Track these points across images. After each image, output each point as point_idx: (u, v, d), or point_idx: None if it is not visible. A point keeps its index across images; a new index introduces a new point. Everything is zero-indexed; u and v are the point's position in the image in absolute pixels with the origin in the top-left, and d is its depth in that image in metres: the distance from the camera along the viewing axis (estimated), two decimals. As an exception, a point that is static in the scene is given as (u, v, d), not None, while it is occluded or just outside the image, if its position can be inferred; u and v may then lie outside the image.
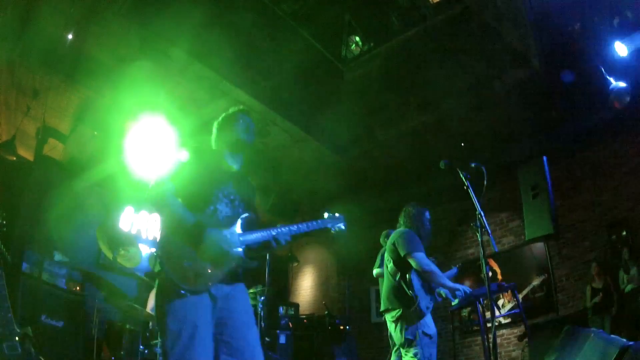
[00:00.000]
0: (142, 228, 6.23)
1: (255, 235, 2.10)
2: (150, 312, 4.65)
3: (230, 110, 2.36)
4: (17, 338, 2.95)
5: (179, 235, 1.97)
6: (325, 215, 2.31)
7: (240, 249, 2.05)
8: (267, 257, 4.03)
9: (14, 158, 5.09)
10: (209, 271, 1.97)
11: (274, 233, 2.10)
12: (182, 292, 1.88)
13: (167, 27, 4.45)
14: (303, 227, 2.19)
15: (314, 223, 2.25)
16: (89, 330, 4.46)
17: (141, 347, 4.18)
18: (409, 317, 3.24)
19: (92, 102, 5.27)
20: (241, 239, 2.07)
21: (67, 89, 5.08)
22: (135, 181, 5.89)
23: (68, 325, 4.35)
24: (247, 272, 2.12)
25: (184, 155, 2.19)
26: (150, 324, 4.62)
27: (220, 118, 2.37)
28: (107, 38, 4.58)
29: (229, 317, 1.98)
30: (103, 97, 5.16)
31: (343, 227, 2.29)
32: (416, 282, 3.31)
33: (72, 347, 4.30)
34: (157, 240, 1.99)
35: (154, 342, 4.16)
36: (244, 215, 2.14)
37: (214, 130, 2.35)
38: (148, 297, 5.33)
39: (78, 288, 4.78)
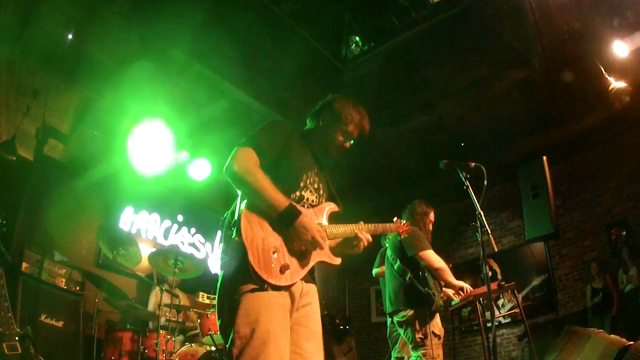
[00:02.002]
0: (142, 228, 6.23)
1: (341, 230, 1.87)
2: (150, 311, 4.66)
3: (353, 100, 2.07)
4: (17, 338, 2.94)
5: (267, 216, 1.65)
6: (395, 219, 2.30)
7: (327, 243, 1.80)
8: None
9: (14, 158, 5.08)
10: (297, 264, 1.69)
11: (356, 230, 1.90)
12: (265, 286, 1.56)
13: (167, 27, 4.45)
14: (379, 227, 2.09)
15: (389, 226, 2.21)
16: (89, 330, 4.46)
17: (141, 347, 4.18)
18: (422, 317, 3.20)
19: (92, 102, 5.27)
20: (327, 231, 1.81)
21: (67, 89, 5.08)
22: (136, 181, 5.90)
23: (68, 325, 4.34)
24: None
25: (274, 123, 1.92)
26: (150, 324, 4.62)
27: (338, 97, 2.07)
28: (107, 38, 4.57)
29: (302, 324, 1.71)
30: (103, 97, 5.16)
31: (407, 235, 2.33)
32: (430, 280, 3.29)
33: (72, 347, 4.30)
34: (233, 220, 1.65)
35: (154, 341, 4.16)
36: (329, 206, 1.92)
37: (320, 106, 2.07)
38: (148, 297, 5.36)
39: (78, 288, 4.77)
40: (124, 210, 6.07)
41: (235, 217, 1.62)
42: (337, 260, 1.87)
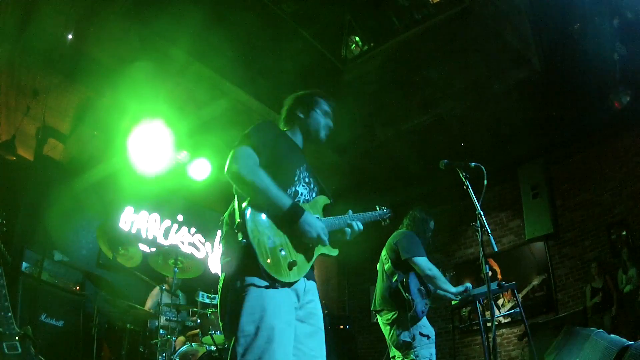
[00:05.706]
0: (142, 228, 6.23)
1: (334, 222, 1.90)
2: (150, 311, 4.66)
3: (312, 89, 2.19)
4: (17, 338, 2.94)
5: (270, 214, 1.69)
6: (377, 208, 2.31)
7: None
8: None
9: (14, 158, 5.09)
10: (302, 259, 1.74)
11: (347, 220, 1.94)
12: (276, 284, 1.60)
13: (167, 27, 4.45)
14: (367, 216, 2.13)
15: (374, 213, 2.22)
16: (89, 330, 4.46)
17: (141, 347, 4.18)
18: (404, 321, 3.22)
19: (92, 102, 5.28)
20: (325, 224, 1.84)
21: (67, 89, 5.08)
22: (136, 181, 5.90)
23: (68, 325, 4.35)
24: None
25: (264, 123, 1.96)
26: (150, 323, 4.62)
27: (300, 94, 2.15)
28: (107, 38, 4.58)
29: (305, 321, 1.76)
30: (103, 97, 5.16)
31: (388, 222, 2.32)
32: (413, 286, 3.30)
33: (72, 347, 4.30)
34: (237, 222, 1.63)
35: (154, 341, 4.16)
36: (321, 199, 1.97)
37: (287, 108, 2.14)
38: (148, 297, 5.36)
39: (78, 288, 4.77)
40: (124, 210, 6.07)
41: (239, 219, 1.63)
42: (335, 252, 1.92)
